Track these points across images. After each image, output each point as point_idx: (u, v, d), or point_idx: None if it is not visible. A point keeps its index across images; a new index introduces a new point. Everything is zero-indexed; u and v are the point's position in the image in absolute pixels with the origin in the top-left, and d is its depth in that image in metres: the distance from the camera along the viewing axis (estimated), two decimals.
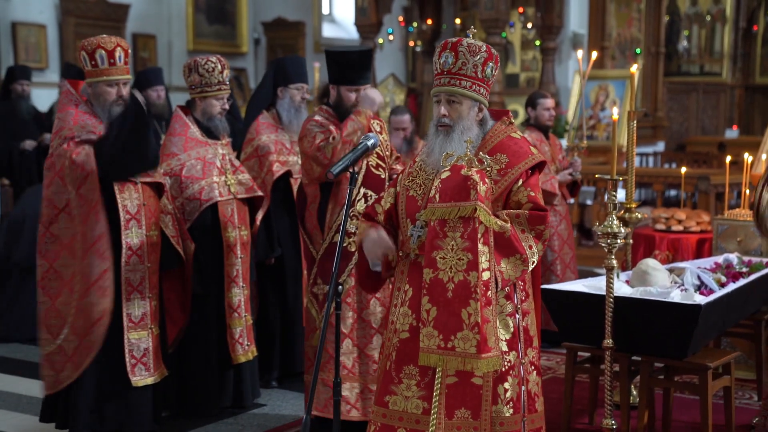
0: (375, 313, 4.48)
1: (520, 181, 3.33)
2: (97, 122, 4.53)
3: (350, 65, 4.48)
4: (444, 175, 3.23)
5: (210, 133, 5.08)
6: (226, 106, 5.10)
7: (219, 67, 5.01)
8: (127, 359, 4.51)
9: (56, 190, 4.46)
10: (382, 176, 4.57)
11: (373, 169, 4.42)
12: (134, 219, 4.53)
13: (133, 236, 4.52)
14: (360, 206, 4.47)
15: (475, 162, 3.23)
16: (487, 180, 3.22)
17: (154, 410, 4.71)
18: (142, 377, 4.55)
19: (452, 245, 3.16)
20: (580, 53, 6.04)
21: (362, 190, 4.50)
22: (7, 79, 8.24)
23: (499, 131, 3.40)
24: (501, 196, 3.31)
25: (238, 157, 5.47)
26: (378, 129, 4.64)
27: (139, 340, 4.55)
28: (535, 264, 3.33)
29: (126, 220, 4.50)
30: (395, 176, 4.47)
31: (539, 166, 3.40)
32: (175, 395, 5.07)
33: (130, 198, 4.52)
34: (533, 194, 3.32)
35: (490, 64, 3.33)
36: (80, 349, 4.45)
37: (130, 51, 4.60)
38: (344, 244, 4.44)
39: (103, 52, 4.47)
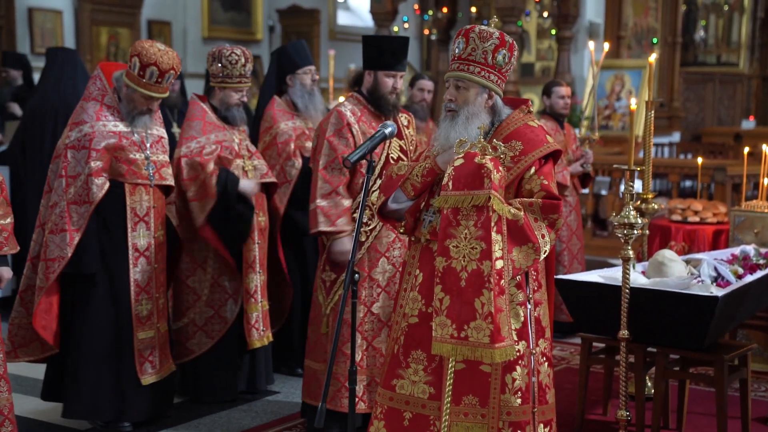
0: (384, 306, 4.43)
1: (533, 169, 3.30)
2: (119, 120, 4.53)
3: (390, 50, 4.45)
4: (457, 163, 3.22)
5: (226, 120, 5.09)
6: (245, 99, 5.11)
7: (242, 60, 4.98)
8: (137, 359, 4.55)
9: (56, 186, 4.46)
10: (374, 167, 4.46)
11: (392, 161, 4.28)
12: (143, 221, 4.55)
13: (140, 238, 4.55)
14: (374, 197, 4.42)
15: (488, 149, 3.21)
16: (500, 168, 3.20)
17: (160, 401, 4.74)
18: (149, 375, 4.59)
19: (465, 234, 3.15)
20: (591, 44, 6.00)
21: (378, 181, 4.43)
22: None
23: (516, 119, 3.39)
24: (513, 183, 3.30)
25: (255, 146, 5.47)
26: (405, 123, 4.60)
27: (146, 339, 4.59)
28: (547, 253, 3.30)
29: (134, 222, 4.52)
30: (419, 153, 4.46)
31: (554, 155, 3.38)
32: (192, 380, 5.11)
33: (140, 201, 4.54)
34: (546, 183, 3.30)
35: (502, 51, 3.30)
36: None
37: (180, 71, 4.55)
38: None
39: (156, 70, 4.40)
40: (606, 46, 6.22)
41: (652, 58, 5.08)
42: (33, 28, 11.34)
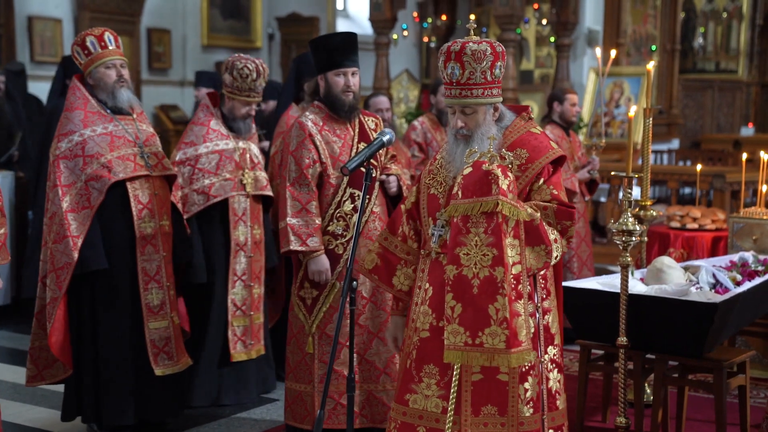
0: (372, 317, 4.39)
1: (542, 180, 3.30)
2: (107, 121, 4.55)
3: (334, 47, 4.33)
4: (466, 171, 3.21)
5: (232, 130, 5.08)
6: (252, 112, 5.07)
7: (254, 75, 4.92)
8: (149, 349, 4.53)
9: (52, 197, 4.48)
10: (373, 175, 4.33)
11: (362, 168, 3.78)
12: (147, 209, 4.55)
13: (146, 226, 4.54)
14: (347, 207, 4.36)
15: (497, 158, 3.20)
16: (509, 174, 3.19)
17: (180, 398, 4.74)
18: (165, 366, 4.57)
19: (476, 241, 3.13)
20: (598, 51, 5.99)
21: (348, 191, 4.36)
22: None
23: (518, 127, 3.38)
24: (523, 192, 3.29)
25: (269, 150, 5.46)
26: (373, 126, 4.53)
27: (160, 329, 4.57)
28: (558, 258, 3.31)
29: (138, 210, 4.52)
30: (402, 175, 4.42)
31: (560, 161, 3.38)
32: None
33: (141, 188, 4.55)
34: (556, 192, 3.30)
35: (498, 63, 3.28)
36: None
37: (120, 38, 4.66)
38: (331, 247, 4.36)
39: (93, 38, 4.55)
40: (613, 53, 6.24)
41: (651, 65, 5.09)
42: (32, 37, 11.35)
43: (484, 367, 3.14)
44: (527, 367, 3.25)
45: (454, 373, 3.20)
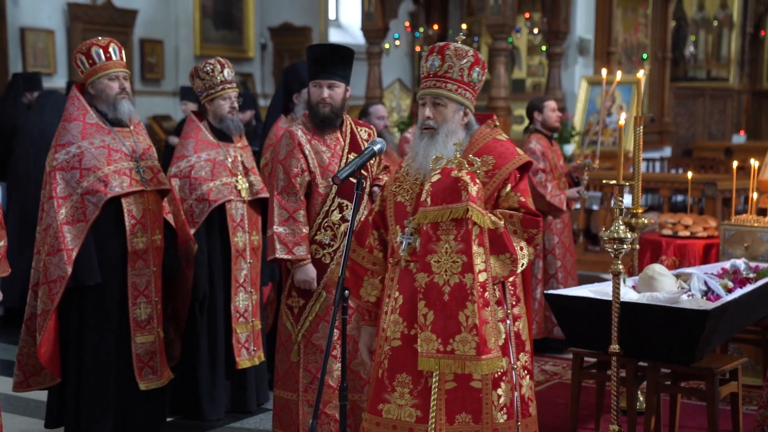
0: (359, 327, 4.36)
1: (509, 186, 3.32)
2: (105, 133, 4.55)
3: (315, 59, 4.36)
4: (434, 179, 3.22)
5: (223, 135, 5.09)
6: (236, 105, 5.10)
7: (218, 67, 5.03)
8: (135, 363, 4.53)
9: (48, 208, 4.47)
10: (364, 185, 4.31)
11: (351, 178, 3.71)
12: (140, 224, 4.55)
13: (138, 241, 4.54)
14: (335, 216, 4.37)
15: (465, 164, 3.22)
16: (477, 180, 3.21)
17: (162, 412, 4.73)
18: (149, 381, 4.57)
19: (446, 248, 3.14)
20: (604, 72, 5.94)
21: (337, 200, 4.37)
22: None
23: (484, 134, 3.41)
24: (490, 198, 3.30)
25: (258, 160, 5.48)
26: (365, 137, 4.53)
27: (146, 343, 4.57)
28: (524, 266, 3.32)
29: (131, 225, 4.52)
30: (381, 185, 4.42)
31: (526, 167, 3.40)
32: (181, 399, 5.09)
33: (135, 203, 4.55)
34: (523, 200, 3.32)
35: (477, 68, 3.33)
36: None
37: (123, 50, 4.67)
38: (318, 256, 4.37)
39: (99, 48, 4.54)
40: (619, 74, 6.29)
41: (641, 74, 5.11)
42: (25, 48, 11.35)
43: (457, 374, 3.15)
44: (499, 374, 3.26)
45: (433, 381, 3.20)
